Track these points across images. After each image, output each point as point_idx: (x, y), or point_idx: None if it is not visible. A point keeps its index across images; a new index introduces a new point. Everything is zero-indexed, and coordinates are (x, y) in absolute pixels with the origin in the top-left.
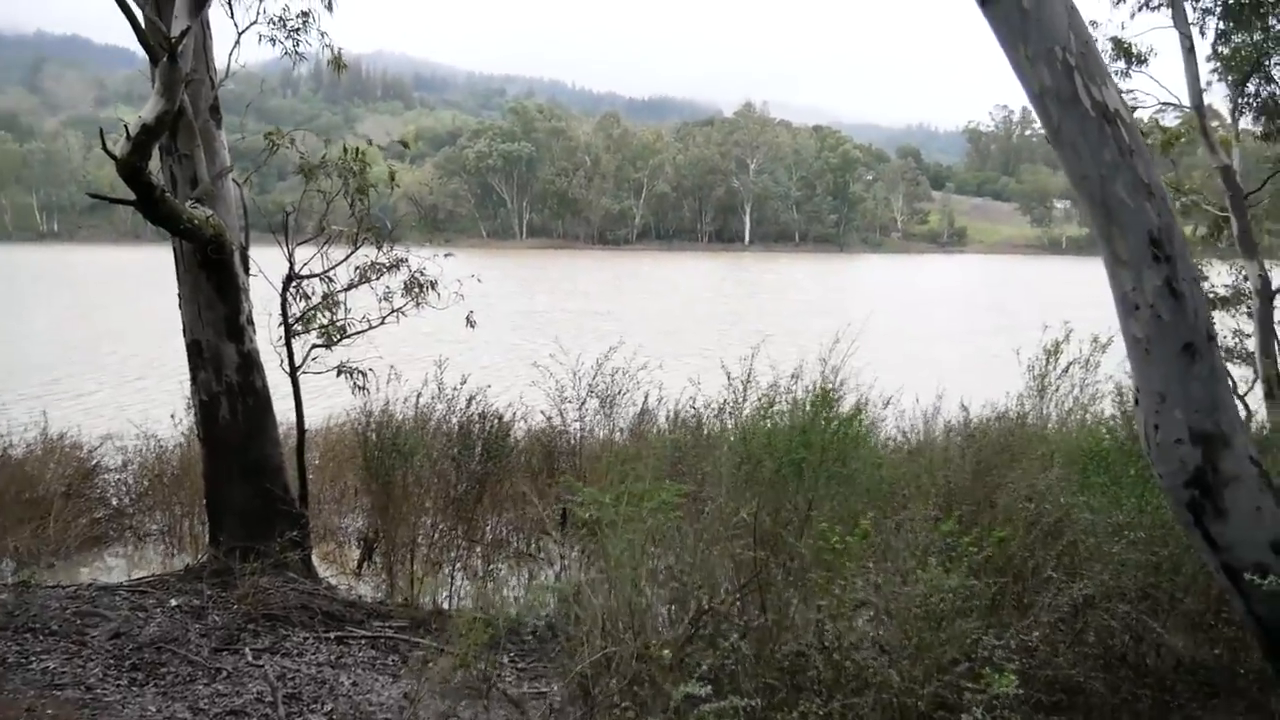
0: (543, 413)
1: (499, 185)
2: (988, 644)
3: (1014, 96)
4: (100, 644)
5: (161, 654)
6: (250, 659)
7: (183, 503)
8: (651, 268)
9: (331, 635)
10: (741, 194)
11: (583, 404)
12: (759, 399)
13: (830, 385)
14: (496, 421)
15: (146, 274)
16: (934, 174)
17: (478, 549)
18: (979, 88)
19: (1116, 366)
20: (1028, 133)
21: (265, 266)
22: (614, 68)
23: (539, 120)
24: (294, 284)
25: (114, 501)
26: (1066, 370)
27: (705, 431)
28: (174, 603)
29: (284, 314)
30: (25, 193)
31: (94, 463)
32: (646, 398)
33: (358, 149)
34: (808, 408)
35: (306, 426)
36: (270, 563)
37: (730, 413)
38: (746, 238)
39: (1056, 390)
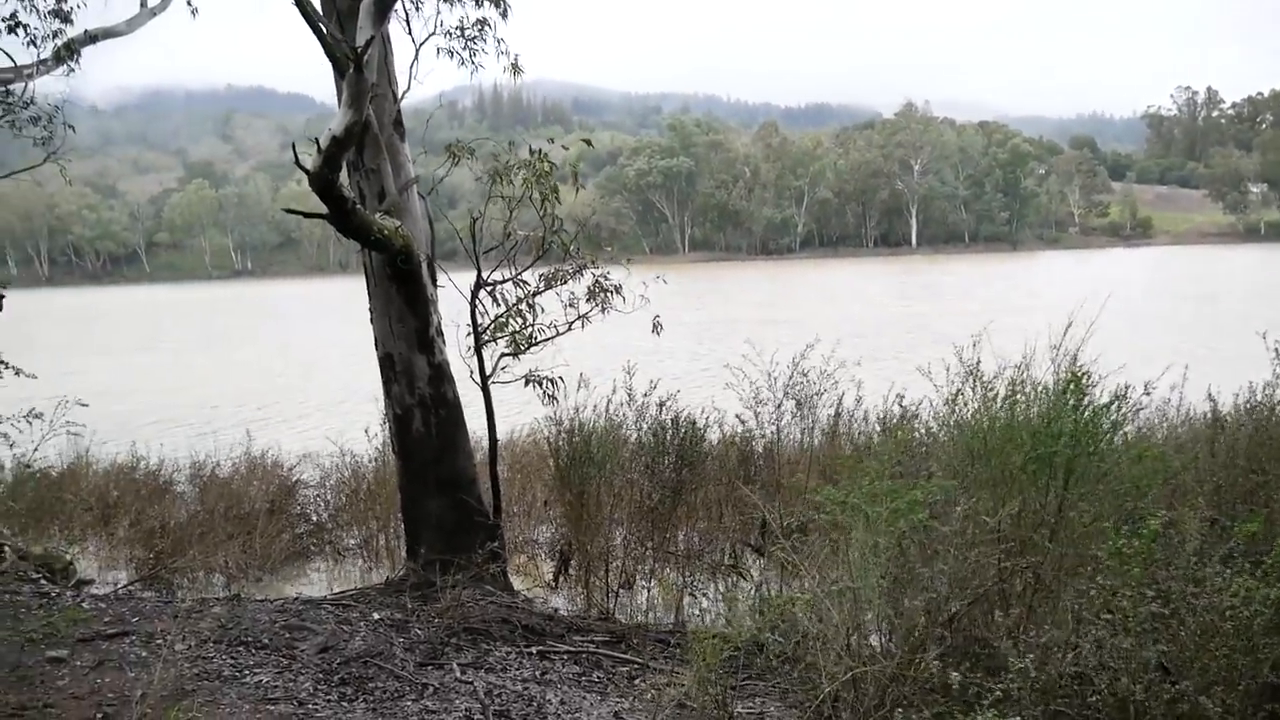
0: (737, 416)
1: (659, 201)
2: None
3: (1197, 76)
4: (309, 658)
5: (368, 668)
6: (457, 674)
7: (378, 517)
8: (822, 275)
9: (534, 650)
10: (906, 196)
11: (779, 406)
12: (990, 389)
13: (1079, 369)
14: (690, 426)
15: (338, 302)
16: (1112, 163)
17: (672, 560)
18: (1155, 71)
19: None
20: (1215, 114)
21: (446, 284)
22: (768, 78)
23: (696, 134)
24: (483, 291)
25: (314, 517)
26: None
27: (923, 430)
28: (376, 616)
29: (473, 322)
30: (222, 234)
31: (294, 480)
32: (841, 400)
33: (542, 151)
34: (1053, 395)
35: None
36: (469, 575)
37: (960, 405)
38: (914, 240)
39: None
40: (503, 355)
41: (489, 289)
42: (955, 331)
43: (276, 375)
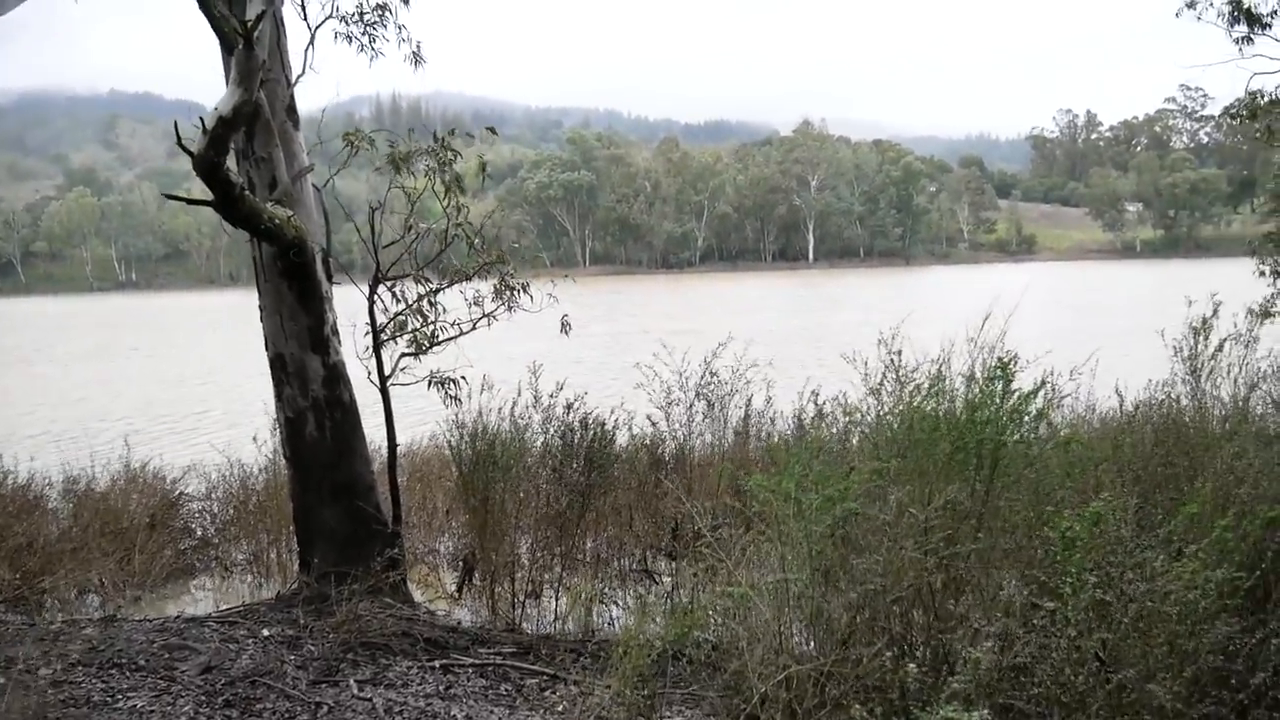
0: (648, 417)
1: (560, 214)
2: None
3: (1077, 99)
4: (190, 679)
5: (256, 688)
6: (354, 691)
7: (269, 530)
8: (725, 287)
9: (436, 664)
10: (804, 211)
11: (690, 406)
12: (912, 380)
13: (1005, 358)
14: (599, 428)
15: (228, 315)
16: (999, 182)
17: (581, 567)
18: (1039, 94)
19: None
20: (1094, 136)
21: (343, 283)
22: (668, 96)
23: (597, 149)
24: (382, 287)
25: (199, 531)
26: (1220, 349)
27: (841, 425)
28: (266, 633)
29: (371, 319)
30: (105, 245)
31: (177, 493)
32: (750, 400)
33: (444, 139)
34: (981, 383)
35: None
36: (367, 587)
37: (883, 395)
38: (810, 255)
39: (1211, 372)
40: (403, 355)
41: (389, 285)
42: (861, 339)
43: (167, 387)
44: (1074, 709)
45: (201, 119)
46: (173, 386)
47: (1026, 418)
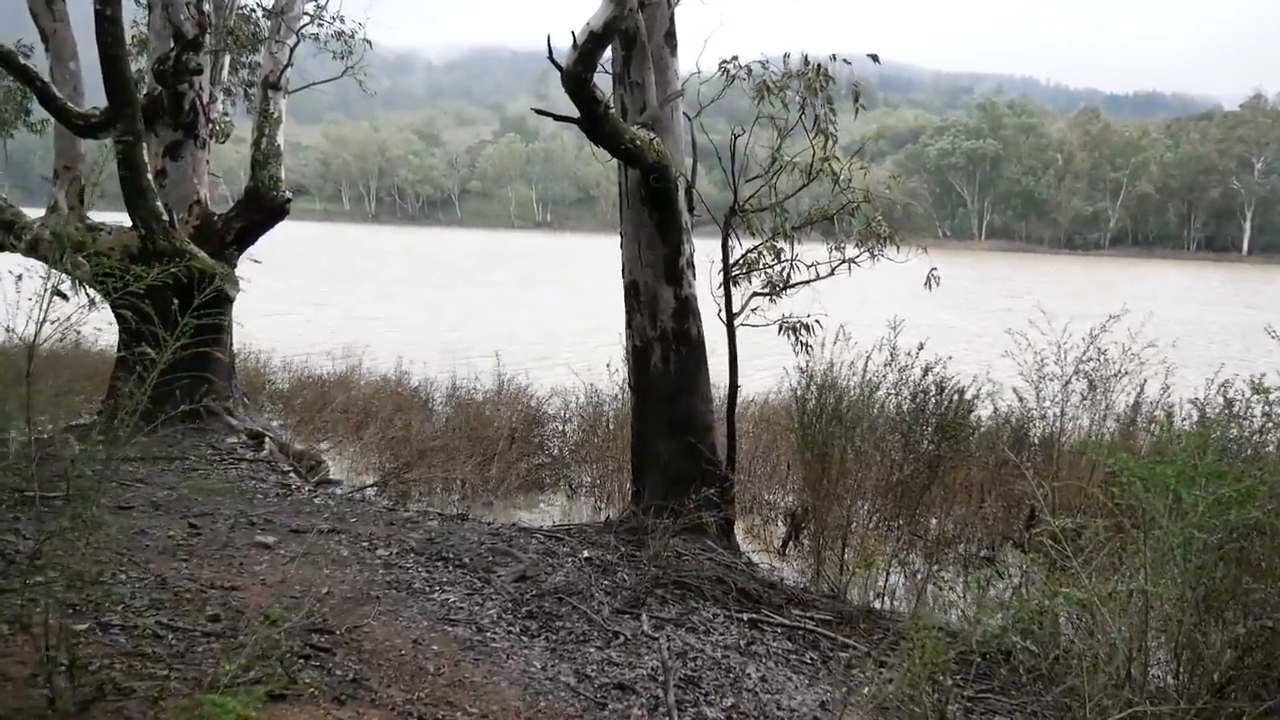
0: (1015, 390)
1: (960, 184)
2: None
3: None
4: (503, 585)
5: (561, 605)
6: (647, 628)
7: (616, 457)
8: (1139, 273)
9: (745, 616)
10: (1242, 197)
11: (1066, 384)
12: None
13: None
14: (957, 397)
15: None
16: None
17: (919, 544)
18: None
19: None
20: None
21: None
22: (1093, 62)
23: (1008, 117)
24: (738, 219)
25: (554, 450)
26: None
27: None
28: (586, 554)
29: (724, 251)
30: (527, 186)
31: (540, 411)
32: (1144, 386)
33: (820, 64)
34: None
35: (741, 389)
36: (689, 524)
37: None
38: (1245, 246)
39: None
40: (754, 295)
41: (743, 216)
42: None
43: (571, 318)
44: None
45: (573, 33)
46: (574, 318)
47: None
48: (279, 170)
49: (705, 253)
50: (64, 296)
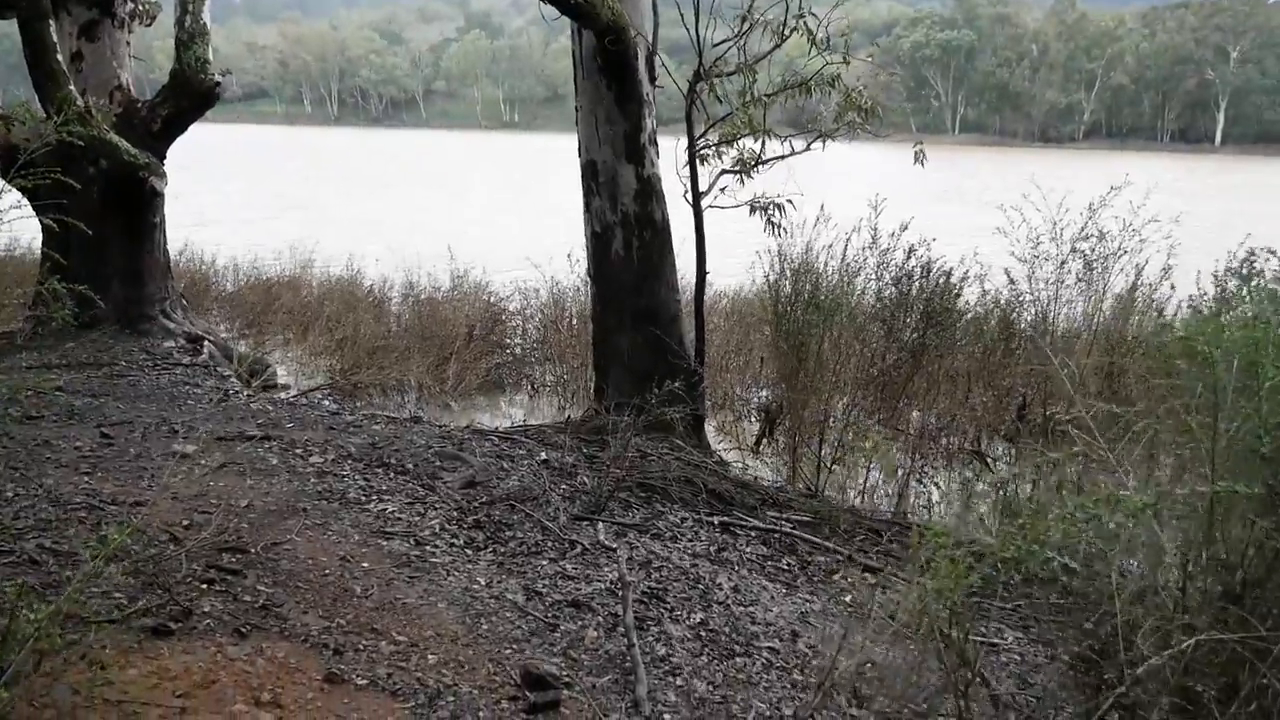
0: (1006, 272)
1: (934, 78)
2: None
3: None
4: (448, 492)
5: (513, 514)
6: (602, 537)
7: (578, 354)
8: (1123, 166)
9: (715, 520)
10: (1216, 87)
11: (1062, 265)
12: None
13: None
14: (944, 278)
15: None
16: None
17: (902, 438)
18: None
19: None
20: None
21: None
22: None
23: (983, 7)
24: (702, 84)
25: (516, 349)
26: None
27: None
28: (544, 455)
29: (689, 123)
30: (494, 86)
31: (500, 308)
32: (1142, 268)
33: None
34: None
35: (712, 283)
36: (655, 421)
37: None
38: (1217, 138)
39: None
40: (723, 173)
41: (708, 81)
42: None
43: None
44: None
45: None
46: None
47: None
48: (206, 51)
49: (670, 146)
50: None
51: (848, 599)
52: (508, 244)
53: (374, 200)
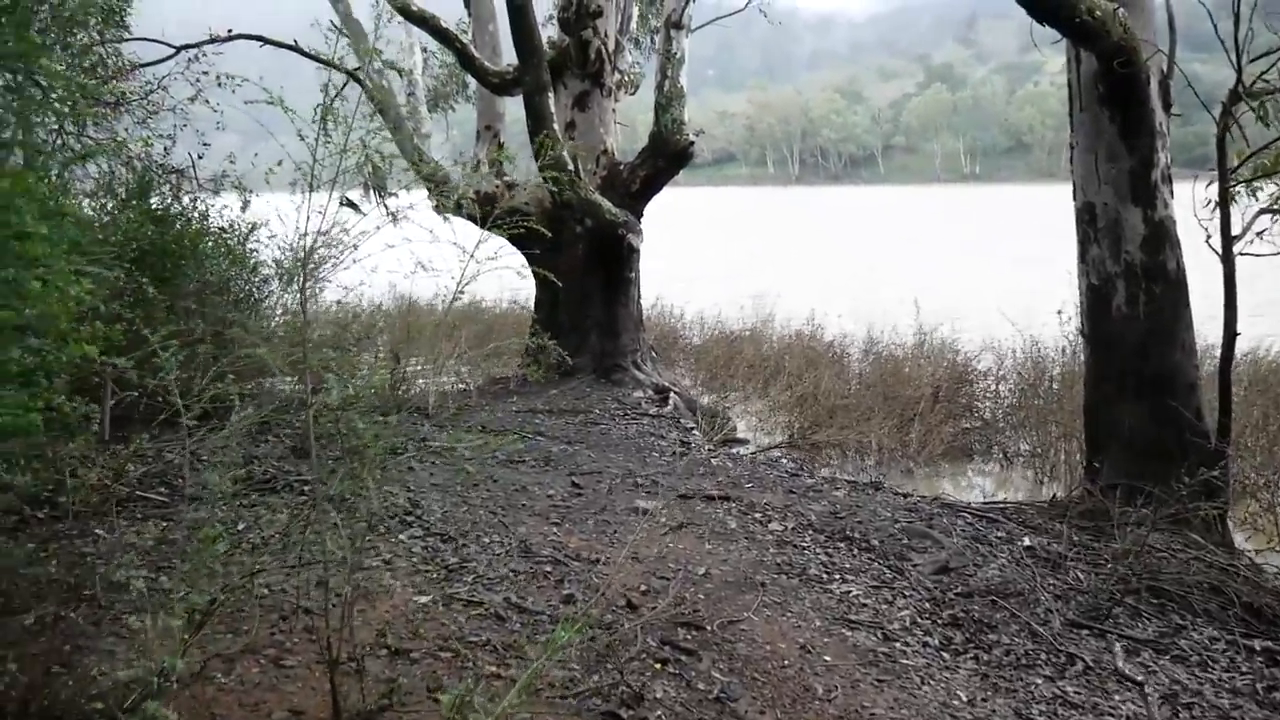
0: None
1: None
2: None
3: None
4: (918, 578)
5: (995, 611)
6: (1121, 663)
7: (1061, 422)
8: None
9: (1255, 645)
10: None
11: None
12: None
13: None
14: None
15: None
16: None
17: None
18: None
19: None
20: None
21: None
22: None
23: None
24: (1240, 105)
25: (986, 413)
26: None
27: None
28: (1027, 542)
29: (1220, 152)
30: (953, 138)
31: (969, 368)
32: None
33: None
34: None
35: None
36: (1167, 514)
37: None
38: None
39: None
40: (1261, 213)
41: (1258, 101)
42: None
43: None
44: None
45: None
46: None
47: None
48: (682, 113)
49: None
50: (354, 208)
51: None
52: (975, 299)
53: (834, 254)
